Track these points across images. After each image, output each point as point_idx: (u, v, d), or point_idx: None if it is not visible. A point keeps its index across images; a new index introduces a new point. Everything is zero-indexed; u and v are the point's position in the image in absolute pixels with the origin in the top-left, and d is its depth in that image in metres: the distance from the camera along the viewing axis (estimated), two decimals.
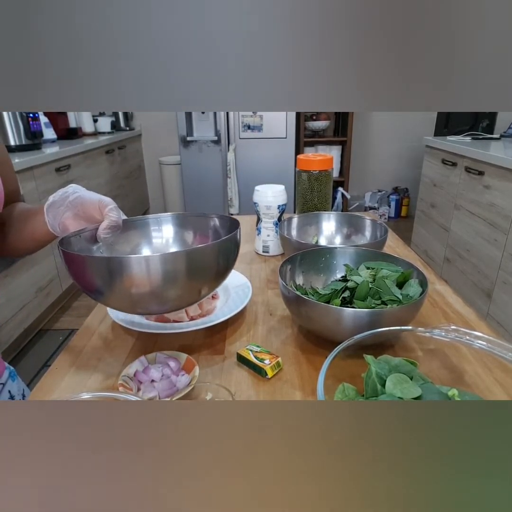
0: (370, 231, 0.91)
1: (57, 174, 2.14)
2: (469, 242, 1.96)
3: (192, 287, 0.55)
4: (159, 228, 0.71)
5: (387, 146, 3.77)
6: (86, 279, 0.52)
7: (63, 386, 0.54)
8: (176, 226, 0.71)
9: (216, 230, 0.69)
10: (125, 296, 0.51)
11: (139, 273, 0.48)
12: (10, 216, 0.64)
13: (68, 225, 0.58)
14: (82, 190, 0.59)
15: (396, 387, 0.42)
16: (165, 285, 0.51)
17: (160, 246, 0.71)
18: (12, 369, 0.71)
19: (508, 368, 0.45)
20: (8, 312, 1.74)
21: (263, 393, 0.52)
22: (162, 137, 3.77)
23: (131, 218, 0.67)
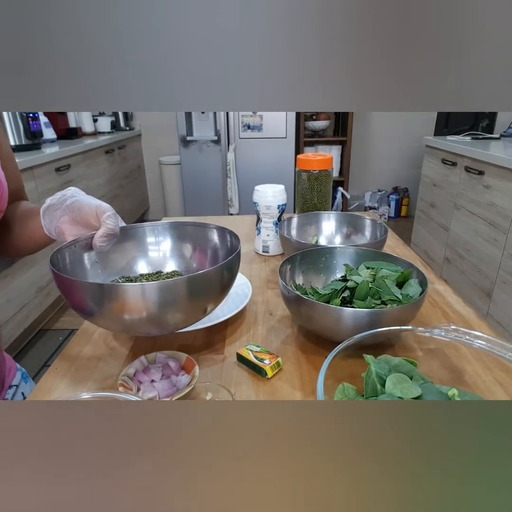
0: (370, 231, 0.91)
1: (56, 174, 2.14)
2: (469, 242, 1.96)
3: (195, 309, 0.51)
4: (156, 240, 0.67)
5: (387, 146, 3.77)
6: (78, 302, 0.48)
7: (63, 386, 0.54)
8: (174, 237, 0.68)
9: (215, 243, 0.66)
10: (119, 322, 0.48)
11: (134, 301, 0.45)
12: (13, 214, 0.63)
13: (64, 229, 0.56)
14: (80, 194, 0.58)
15: (396, 387, 0.42)
16: (164, 312, 0.47)
17: (157, 259, 0.68)
18: (24, 371, 0.71)
19: (508, 368, 0.45)
20: (8, 312, 1.74)
21: (263, 393, 0.52)
22: (162, 137, 3.77)
23: (128, 225, 0.65)
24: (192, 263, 0.68)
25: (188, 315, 0.51)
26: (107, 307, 0.46)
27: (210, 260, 0.67)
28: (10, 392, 0.65)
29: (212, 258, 0.67)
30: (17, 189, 0.67)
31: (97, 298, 0.46)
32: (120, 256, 0.65)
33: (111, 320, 0.48)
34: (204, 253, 0.68)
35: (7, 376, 0.65)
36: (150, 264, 0.68)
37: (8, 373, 0.66)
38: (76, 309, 0.50)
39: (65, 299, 0.50)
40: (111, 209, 0.56)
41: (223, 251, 0.65)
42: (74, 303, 0.49)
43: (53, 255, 0.52)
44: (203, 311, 0.53)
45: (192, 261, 0.68)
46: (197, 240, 0.68)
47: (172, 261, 0.69)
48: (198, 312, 0.53)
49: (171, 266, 0.68)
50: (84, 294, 0.47)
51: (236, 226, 1.19)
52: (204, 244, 0.67)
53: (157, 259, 0.68)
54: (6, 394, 0.64)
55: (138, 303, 0.45)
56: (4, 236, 0.63)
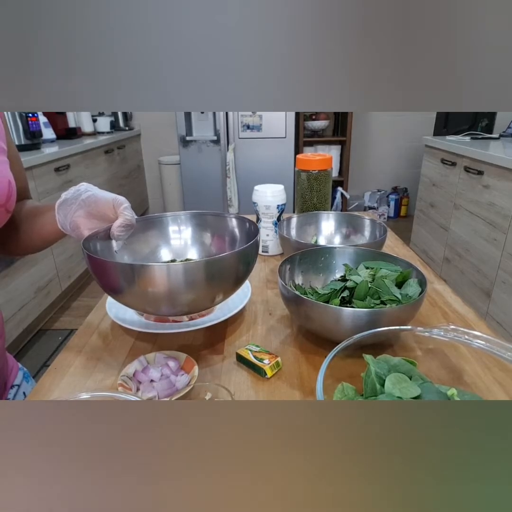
0: (369, 231, 0.91)
1: (56, 174, 2.14)
2: (469, 242, 1.96)
3: (208, 295, 0.55)
4: (178, 229, 0.72)
5: (387, 146, 3.77)
6: (108, 281, 0.54)
7: (62, 386, 0.54)
8: (194, 226, 0.72)
9: (233, 232, 0.70)
10: (141, 298, 0.53)
11: (160, 279, 0.50)
12: (20, 212, 0.64)
13: (80, 223, 0.57)
14: (94, 189, 0.59)
15: (395, 386, 0.42)
16: (182, 292, 0.52)
17: (179, 248, 0.72)
18: (26, 371, 0.71)
19: (507, 368, 0.45)
20: (7, 312, 1.74)
21: (262, 393, 0.52)
22: (161, 137, 3.77)
23: (149, 216, 0.69)
24: (212, 250, 0.72)
25: (200, 299, 0.55)
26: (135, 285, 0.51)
27: (229, 247, 0.71)
28: (12, 392, 0.65)
29: (230, 245, 0.71)
30: (23, 187, 0.67)
31: (127, 277, 0.51)
32: (143, 245, 0.70)
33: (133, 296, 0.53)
34: (223, 241, 0.71)
35: (9, 376, 0.65)
36: (172, 252, 0.72)
37: (10, 373, 0.66)
38: (105, 288, 0.56)
39: (97, 280, 0.55)
40: (126, 201, 0.58)
41: (241, 239, 0.69)
42: (106, 282, 0.54)
43: (84, 242, 0.56)
44: (213, 299, 0.57)
45: (212, 248, 0.72)
46: (216, 228, 0.72)
47: (194, 249, 0.72)
48: (209, 298, 0.56)
49: (193, 254, 0.72)
50: (115, 274, 0.52)
51: None
52: (223, 232, 0.71)
53: (179, 248, 0.72)
54: (8, 394, 0.64)
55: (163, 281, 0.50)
56: (11, 234, 0.64)
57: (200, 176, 2.97)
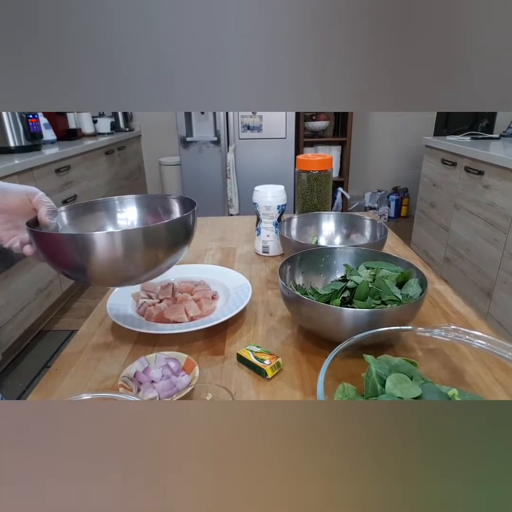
0: (369, 231, 0.91)
1: (57, 175, 2.14)
2: (469, 242, 1.96)
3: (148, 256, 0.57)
4: (123, 210, 0.74)
5: (387, 146, 3.77)
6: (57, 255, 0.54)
7: (63, 387, 0.54)
8: (140, 207, 0.75)
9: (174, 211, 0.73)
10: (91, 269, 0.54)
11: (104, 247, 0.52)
12: None
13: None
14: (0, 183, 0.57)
15: (396, 387, 0.42)
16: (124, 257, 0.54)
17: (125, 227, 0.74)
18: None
19: (508, 368, 0.45)
20: (8, 313, 1.74)
21: (263, 393, 0.52)
22: (162, 137, 3.77)
23: (96, 200, 0.71)
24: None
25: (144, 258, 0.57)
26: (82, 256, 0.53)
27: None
28: None
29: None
30: None
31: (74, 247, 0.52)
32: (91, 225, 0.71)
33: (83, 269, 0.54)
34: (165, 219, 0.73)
35: None
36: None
37: None
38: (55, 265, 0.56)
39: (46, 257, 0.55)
40: (39, 190, 0.57)
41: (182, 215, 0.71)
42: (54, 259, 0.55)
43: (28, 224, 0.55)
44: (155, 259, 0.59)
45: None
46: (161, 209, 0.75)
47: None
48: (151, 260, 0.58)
49: None
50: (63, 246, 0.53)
51: (236, 227, 1.19)
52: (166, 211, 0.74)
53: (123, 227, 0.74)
54: None
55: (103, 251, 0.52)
56: None
57: (201, 176, 2.97)
